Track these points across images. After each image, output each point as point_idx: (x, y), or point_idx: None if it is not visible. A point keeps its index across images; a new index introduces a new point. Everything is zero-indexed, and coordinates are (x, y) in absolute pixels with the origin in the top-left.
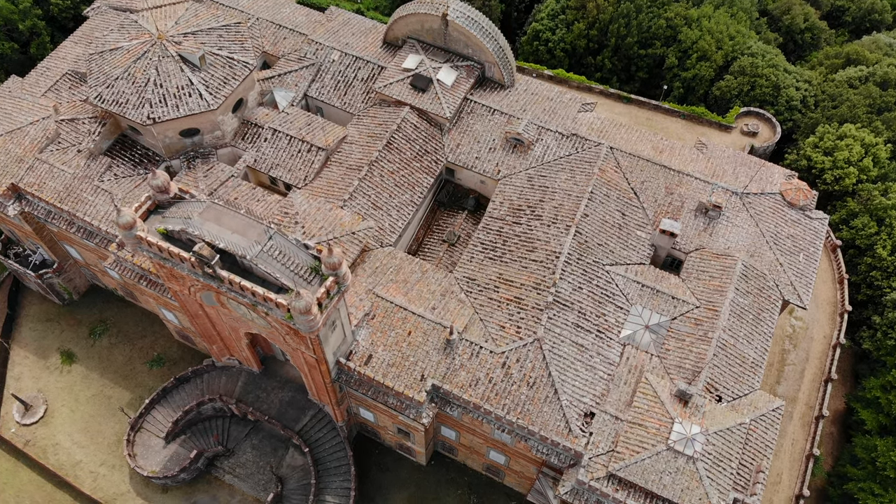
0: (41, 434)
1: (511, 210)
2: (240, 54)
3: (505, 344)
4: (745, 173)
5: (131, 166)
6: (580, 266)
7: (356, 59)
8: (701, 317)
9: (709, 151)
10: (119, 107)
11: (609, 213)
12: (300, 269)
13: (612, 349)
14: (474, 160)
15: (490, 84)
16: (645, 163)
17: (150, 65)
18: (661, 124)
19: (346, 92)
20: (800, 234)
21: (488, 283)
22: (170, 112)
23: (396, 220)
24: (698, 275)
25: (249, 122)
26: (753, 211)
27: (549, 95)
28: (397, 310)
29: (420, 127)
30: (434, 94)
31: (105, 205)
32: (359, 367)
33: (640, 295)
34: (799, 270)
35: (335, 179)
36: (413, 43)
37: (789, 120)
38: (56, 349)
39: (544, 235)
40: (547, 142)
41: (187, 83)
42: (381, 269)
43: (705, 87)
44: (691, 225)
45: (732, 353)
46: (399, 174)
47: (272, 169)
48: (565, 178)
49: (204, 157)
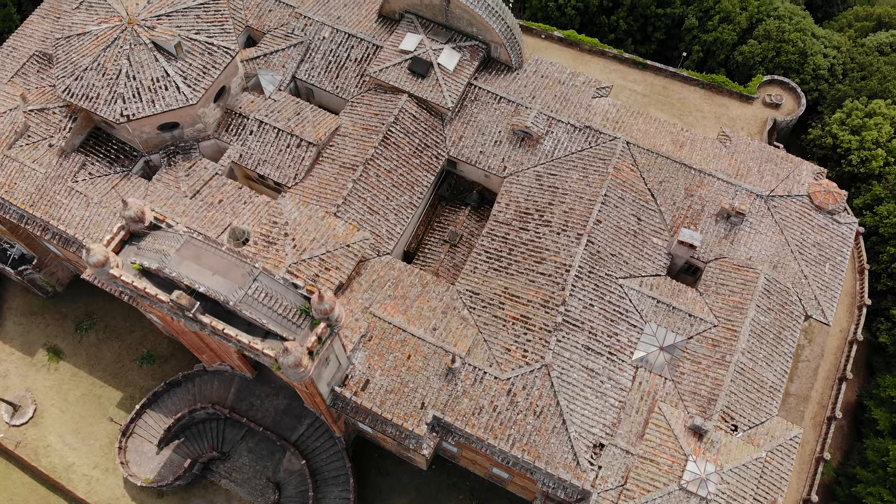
0: (32, 435)
1: (518, 214)
2: (220, 38)
3: (510, 369)
4: (771, 171)
5: (107, 163)
6: (592, 280)
7: (349, 37)
8: (719, 337)
9: (732, 145)
10: (90, 102)
11: (624, 218)
12: (288, 312)
13: (623, 373)
14: (478, 155)
15: (496, 65)
16: (664, 160)
17: (121, 54)
18: (679, 94)
19: (337, 74)
20: (826, 241)
21: (493, 297)
22: (145, 108)
23: (394, 224)
24: (717, 288)
25: (233, 112)
26: (779, 216)
27: (561, 78)
28: (396, 331)
29: (419, 118)
30: (434, 81)
31: (80, 209)
32: (355, 397)
33: (654, 312)
34: (824, 282)
35: (328, 179)
36: (411, 19)
37: (815, 90)
38: (42, 345)
39: (553, 245)
40: (558, 135)
41: (163, 74)
42: (378, 283)
43: (726, 52)
44: (711, 231)
45: (750, 378)
46: (397, 173)
47: (259, 165)
48: (577, 177)
49: (185, 153)
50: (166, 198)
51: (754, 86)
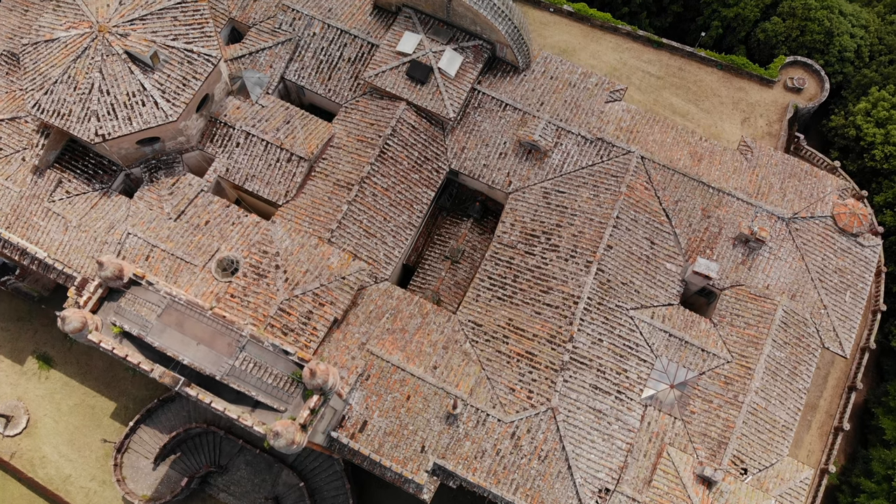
0: (26, 446)
1: (523, 236)
2: (200, 43)
3: (515, 412)
4: (794, 188)
5: (85, 180)
6: (601, 313)
7: (341, 33)
8: (732, 374)
9: (754, 158)
10: (61, 119)
11: (636, 242)
12: (279, 381)
13: (632, 413)
14: (482, 168)
15: (501, 66)
16: (680, 177)
17: (92, 65)
18: (695, 76)
19: (329, 76)
20: (848, 266)
21: (497, 330)
22: (121, 126)
23: (392, 248)
24: (732, 319)
25: (218, 121)
26: (800, 240)
27: (572, 80)
28: (395, 370)
29: (419, 128)
30: (434, 87)
31: (59, 232)
32: (352, 441)
33: (666, 346)
34: (843, 312)
35: (321, 197)
36: (409, 14)
37: (840, 72)
38: (32, 352)
39: (561, 273)
40: (567, 147)
41: (139, 88)
42: (375, 314)
43: (747, 29)
44: (728, 256)
45: (763, 418)
46: (395, 190)
47: (247, 181)
48: (587, 196)
49: (168, 167)
50: (149, 220)
51: (776, 68)
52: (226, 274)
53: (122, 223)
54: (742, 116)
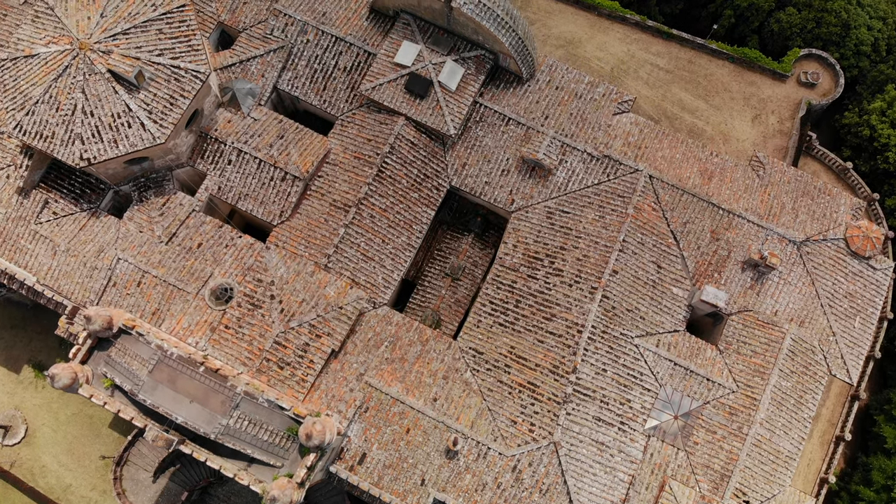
0: (26, 455)
1: (526, 258)
2: (188, 58)
3: (516, 445)
4: (807, 208)
5: (72, 199)
6: (605, 342)
7: (336, 41)
8: (737, 405)
9: (766, 175)
10: (44, 141)
11: (643, 266)
12: (275, 437)
13: (635, 444)
14: (483, 185)
15: (504, 76)
16: (689, 198)
17: (74, 85)
18: (705, 69)
19: (324, 86)
20: (859, 290)
21: (498, 359)
22: (107, 150)
23: (391, 271)
24: (739, 347)
25: (209, 137)
26: (811, 265)
27: (578, 90)
28: (394, 402)
29: (418, 144)
30: (434, 102)
31: (47, 256)
32: (351, 474)
33: (671, 375)
34: (852, 338)
35: (317, 219)
36: (407, 20)
37: (855, 66)
38: (27, 360)
39: (565, 299)
40: (572, 165)
41: (124, 109)
42: (374, 343)
43: (761, 19)
44: (737, 280)
45: (766, 449)
46: (393, 211)
47: (240, 200)
48: (593, 217)
49: (158, 185)
50: (139, 244)
51: (789, 61)
52: (220, 302)
53: (112, 246)
54: (753, 113)
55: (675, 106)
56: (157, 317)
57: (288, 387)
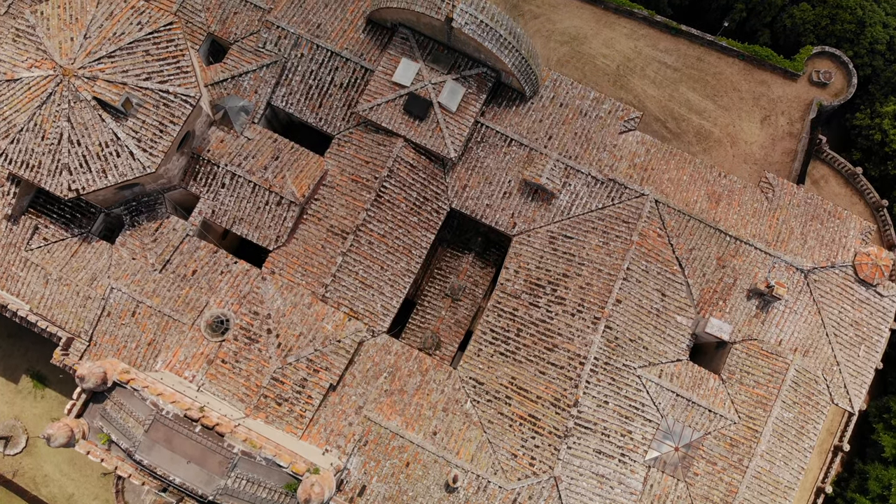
0: (28, 464)
1: (528, 285)
2: (177, 82)
3: (516, 479)
4: (815, 233)
5: (62, 224)
6: (608, 373)
7: (331, 55)
8: (738, 436)
9: (775, 197)
10: (31, 171)
11: (646, 294)
12: (274, 494)
13: (635, 475)
14: (484, 208)
15: (507, 93)
16: (696, 223)
17: (59, 113)
18: (714, 67)
19: (320, 103)
20: (865, 318)
21: (499, 390)
22: (95, 180)
23: (390, 298)
24: (742, 377)
25: (201, 158)
26: (818, 293)
27: (583, 108)
28: (393, 436)
29: (417, 166)
30: (434, 124)
31: (39, 285)
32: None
33: (673, 406)
34: (856, 367)
35: (314, 245)
36: (406, 35)
37: (869, 65)
38: (25, 370)
39: (567, 329)
40: (576, 188)
41: (112, 138)
42: (372, 373)
43: (774, 13)
44: (742, 308)
45: (766, 480)
46: (392, 236)
47: (235, 224)
48: (596, 243)
49: (150, 209)
50: (133, 273)
51: (801, 59)
52: (216, 333)
53: (105, 274)
54: (762, 114)
55: (682, 107)
56: (154, 347)
57: (286, 423)
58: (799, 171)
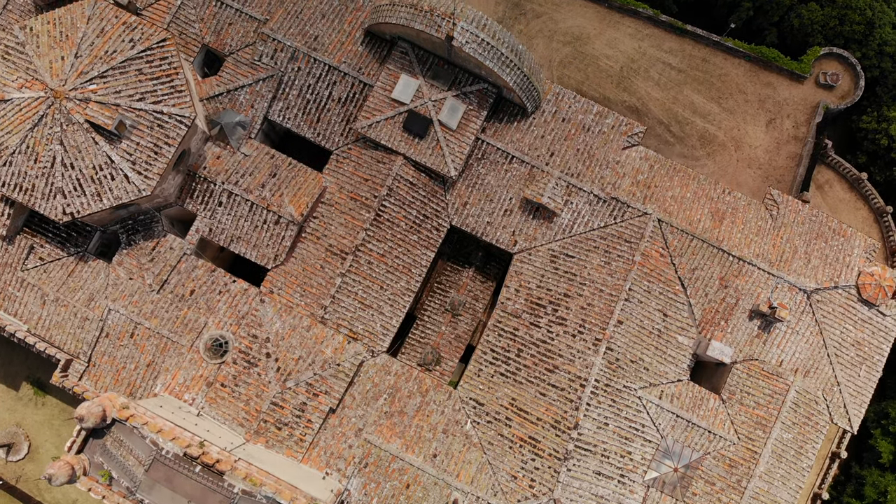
0: (30, 471)
1: (529, 304)
2: (171, 101)
3: (516, 501)
4: (819, 252)
5: (58, 244)
6: (608, 395)
7: (329, 69)
8: (737, 457)
9: (780, 215)
10: (25, 194)
11: (648, 315)
12: None
13: (634, 495)
14: (485, 226)
15: (508, 108)
16: (699, 243)
17: (52, 136)
18: (720, 69)
19: (318, 118)
20: (867, 338)
21: (499, 411)
22: (90, 203)
23: (390, 318)
24: (742, 398)
25: (197, 175)
26: (820, 314)
27: (586, 122)
28: (393, 459)
29: (417, 184)
30: (434, 142)
31: (36, 305)
32: None
33: (673, 426)
34: (856, 387)
35: (313, 264)
36: (405, 49)
37: (877, 67)
38: (25, 377)
39: (568, 350)
40: (578, 206)
41: (106, 161)
42: (372, 395)
43: (781, 13)
44: (744, 328)
45: (764, 500)
46: (392, 255)
47: (233, 242)
48: (598, 263)
49: (146, 228)
50: (130, 294)
51: (808, 61)
52: (215, 356)
53: (102, 294)
54: (768, 117)
55: (686, 109)
56: (153, 369)
57: (286, 447)
58: (804, 176)
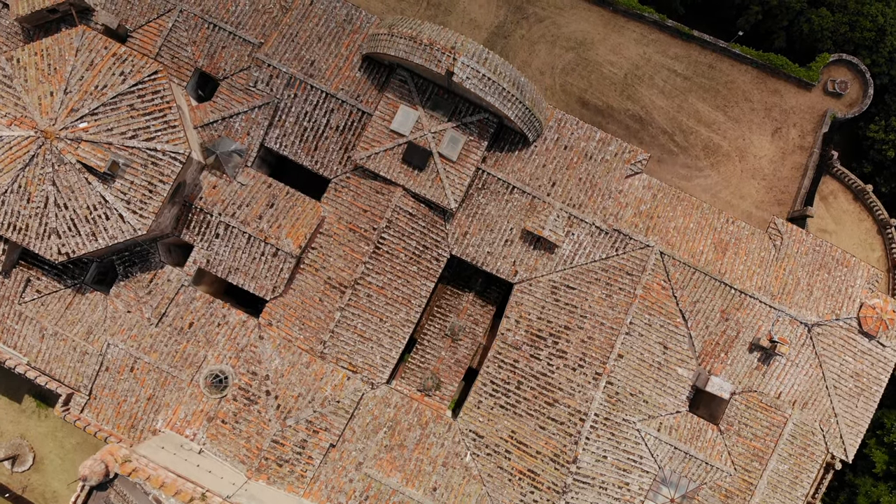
0: (36, 481)
1: (529, 336)
2: (165, 138)
3: None
4: (822, 283)
5: (55, 276)
6: (608, 428)
7: (326, 97)
8: (733, 488)
9: (783, 245)
10: (18, 234)
11: (649, 348)
12: None
13: None
14: (486, 256)
15: (509, 137)
16: (701, 277)
17: (44, 177)
18: (726, 76)
19: (315, 145)
20: (866, 370)
21: (499, 444)
22: (85, 243)
23: (389, 349)
24: (740, 429)
25: (194, 206)
26: (820, 346)
27: (588, 150)
28: (393, 493)
29: (417, 215)
30: (434, 174)
31: (35, 339)
32: None
33: (670, 458)
34: (853, 418)
35: (311, 297)
36: (404, 78)
37: (886, 74)
38: (28, 390)
39: (567, 384)
40: (579, 237)
41: (100, 201)
42: (372, 428)
43: (790, 18)
44: (743, 360)
45: None
46: (391, 287)
47: (231, 274)
48: (599, 295)
49: (143, 260)
50: (129, 327)
51: (817, 68)
52: (215, 391)
53: (101, 328)
54: (774, 126)
55: (690, 118)
56: (153, 402)
57: (288, 483)
58: (808, 188)
